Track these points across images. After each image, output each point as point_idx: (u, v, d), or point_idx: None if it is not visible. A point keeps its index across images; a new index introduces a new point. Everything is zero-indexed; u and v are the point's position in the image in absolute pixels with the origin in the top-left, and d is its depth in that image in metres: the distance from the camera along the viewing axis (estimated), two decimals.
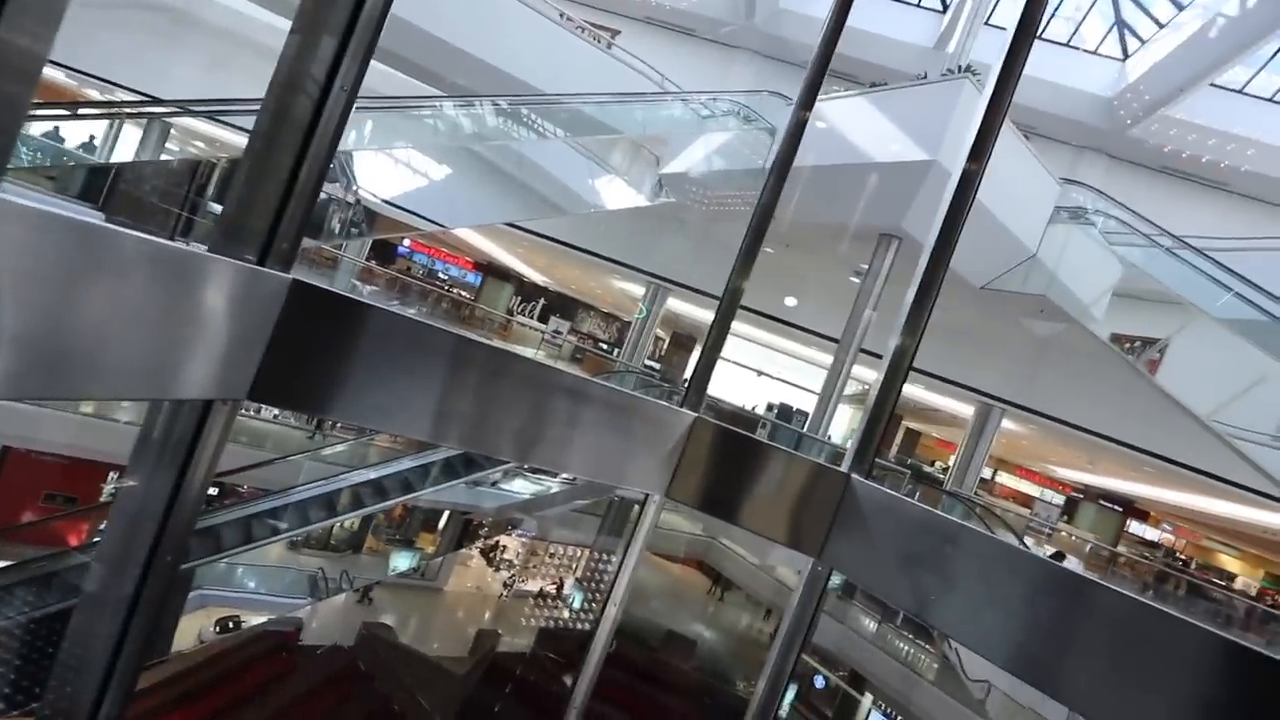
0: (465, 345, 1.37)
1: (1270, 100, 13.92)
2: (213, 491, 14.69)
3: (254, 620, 13.96)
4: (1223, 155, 13.75)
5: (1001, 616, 1.18)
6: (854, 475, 1.57)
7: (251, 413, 16.84)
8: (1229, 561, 29.08)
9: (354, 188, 7.86)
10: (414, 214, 9.12)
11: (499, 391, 1.37)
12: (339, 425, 17.65)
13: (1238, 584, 27.91)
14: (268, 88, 1.28)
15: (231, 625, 13.54)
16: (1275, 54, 12.92)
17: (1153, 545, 27.27)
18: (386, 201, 8.92)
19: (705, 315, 17.67)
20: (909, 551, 1.36)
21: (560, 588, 21.29)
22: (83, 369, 1.02)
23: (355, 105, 1.30)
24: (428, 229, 8.88)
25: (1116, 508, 25.01)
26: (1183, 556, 27.93)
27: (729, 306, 1.90)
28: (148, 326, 1.07)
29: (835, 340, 9.19)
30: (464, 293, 27.55)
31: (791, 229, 10.52)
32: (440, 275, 31.46)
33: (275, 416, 17.57)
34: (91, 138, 11.32)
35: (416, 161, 8.80)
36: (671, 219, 13.57)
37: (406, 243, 33.02)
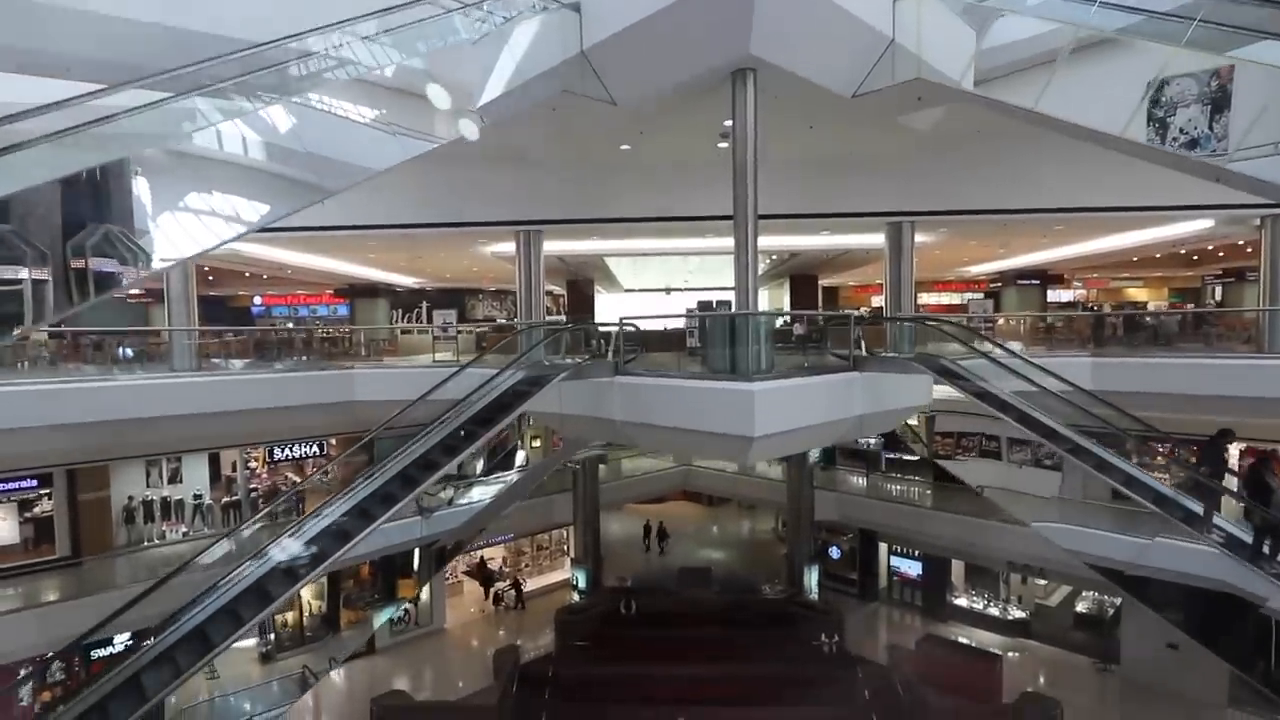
0: None
1: None
2: (123, 643, 12.38)
3: None
4: None
5: None
6: None
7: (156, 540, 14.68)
8: (1136, 293, 31.11)
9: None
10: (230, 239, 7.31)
11: None
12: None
13: (1150, 309, 29.99)
14: None
15: None
16: None
17: (1070, 305, 28.69)
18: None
19: (596, 246, 16.29)
20: None
21: (517, 586, 20.85)
22: None
23: None
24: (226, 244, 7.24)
25: (1034, 281, 25.94)
26: (1093, 305, 29.62)
27: None
28: None
29: (729, 218, 8.14)
30: (337, 328, 25.11)
31: (639, 113, 9.30)
32: (308, 319, 28.91)
33: (186, 534, 15.40)
34: None
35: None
36: (508, 157, 12.09)
37: (259, 301, 29.89)
